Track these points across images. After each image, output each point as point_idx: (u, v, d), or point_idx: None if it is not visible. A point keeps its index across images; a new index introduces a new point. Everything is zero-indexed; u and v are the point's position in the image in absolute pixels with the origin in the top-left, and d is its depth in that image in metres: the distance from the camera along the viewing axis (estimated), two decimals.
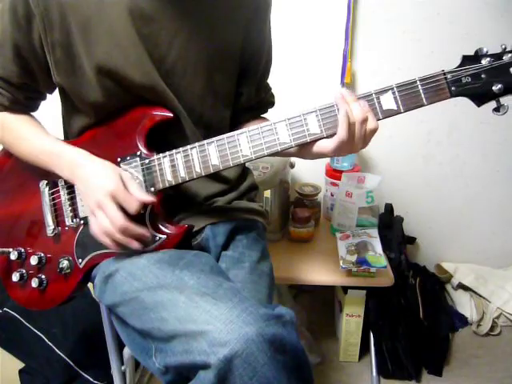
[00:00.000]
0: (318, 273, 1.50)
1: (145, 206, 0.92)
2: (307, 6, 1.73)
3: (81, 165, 0.93)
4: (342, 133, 0.84)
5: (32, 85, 1.00)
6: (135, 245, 0.91)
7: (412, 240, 2.03)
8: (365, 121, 0.85)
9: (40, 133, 1.01)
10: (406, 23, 1.74)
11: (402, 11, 1.72)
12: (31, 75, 0.97)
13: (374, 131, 0.87)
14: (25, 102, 1.02)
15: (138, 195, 0.90)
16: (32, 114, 1.07)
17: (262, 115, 1.18)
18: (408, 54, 1.77)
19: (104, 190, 0.88)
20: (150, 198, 0.91)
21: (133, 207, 0.89)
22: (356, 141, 0.86)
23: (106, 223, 0.88)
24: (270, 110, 1.20)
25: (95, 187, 0.89)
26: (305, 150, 0.91)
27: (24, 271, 1.06)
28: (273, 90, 1.20)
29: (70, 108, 1.03)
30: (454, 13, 1.71)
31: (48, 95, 1.07)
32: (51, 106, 1.09)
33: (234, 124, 1.12)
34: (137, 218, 0.91)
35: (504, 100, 0.83)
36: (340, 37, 1.74)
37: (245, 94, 1.10)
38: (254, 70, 1.09)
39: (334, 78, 1.81)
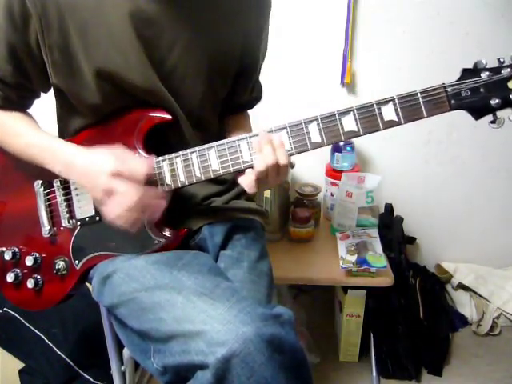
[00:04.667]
0: (318, 273, 1.50)
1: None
2: (307, 6, 1.73)
3: (76, 160, 0.91)
4: (250, 179, 0.87)
5: (26, 84, 0.98)
6: (156, 215, 0.89)
7: (412, 240, 2.03)
8: (275, 165, 0.86)
9: (33, 128, 0.99)
10: (406, 23, 1.74)
11: (401, 11, 1.72)
12: (26, 75, 0.96)
13: (286, 167, 0.87)
14: (18, 101, 1.01)
15: (140, 160, 0.89)
16: (26, 111, 1.05)
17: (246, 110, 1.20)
18: (408, 54, 1.77)
19: (105, 172, 0.84)
20: (149, 163, 0.90)
21: (141, 172, 0.86)
22: (271, 179, 0.88)
23: (119, 207, 0.84)
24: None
25: (96, 174, 0.85)
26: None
27: (19, 271, 1.06)
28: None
29: (66, 109, 1.02)
30: (453, 13, 1.71)
31: (42, 94, 1.05)
32: (46, 105, 1.08)
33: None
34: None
35: (500, 113, 0.84)
36: (340, 37, 1.74)
37: (238, 94, 1.11)
38: (250, 72, 1.10)
39: (334, 78, 1.80)
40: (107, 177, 0.84)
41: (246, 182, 0.87)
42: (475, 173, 1.94)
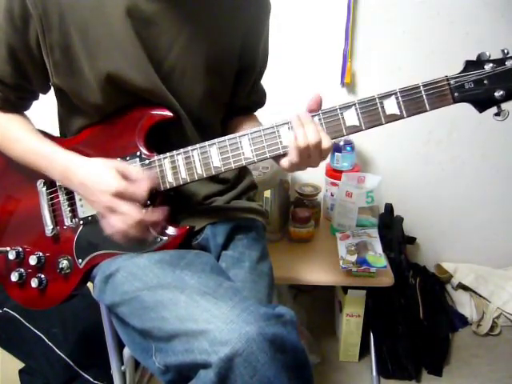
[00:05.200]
0: (317, 273, 1.50)
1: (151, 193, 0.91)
2: (307, 6, 1.73)
3: (73, 171, 0.91)
4: (293, 157, 0.86)
5: (26, 85, 0.98)
6: (153, 234, 0.92)
7: (412, 240, 2.03)
8: (319, 143, 0.85)
9: (31, 134, 0.99)
10: (406, 23, 1.74)
11: (401, 11, 1.72)
12: (26, 76, 0.96)
13: (329, 150, 0.87)
14: (17, 102, 1.01)
15: (142, 178, 0.88)
16: (24, 113, 1.05)
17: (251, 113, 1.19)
18: (408, 53, 1.78)
19: (108, 192, 0.85)
20: (152, 175, 0.91)
21: (142, 195, 0.87)
22: (313, 159, 0.87)
23: (120, 224, 0.86)
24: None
25: (98, 192, 0.87)
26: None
27: (23, 271, 1.06)
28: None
29: (67, 108, 1.02)
30: (453, 13, 1.71)
31: (41, 95, 1.05)
32: (46, 106, 1.08)
33: (222, 121, 1.12)
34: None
35: (504, 105, 0.83)
36: (340, 37, 1.74)
37: (237, 95, 1.11)
38: (249, 74, 1.09)
39: (334, 77, 1.81)
40: (110, 196, 0.86)
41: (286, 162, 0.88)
42: (475, 173, 1.94)
